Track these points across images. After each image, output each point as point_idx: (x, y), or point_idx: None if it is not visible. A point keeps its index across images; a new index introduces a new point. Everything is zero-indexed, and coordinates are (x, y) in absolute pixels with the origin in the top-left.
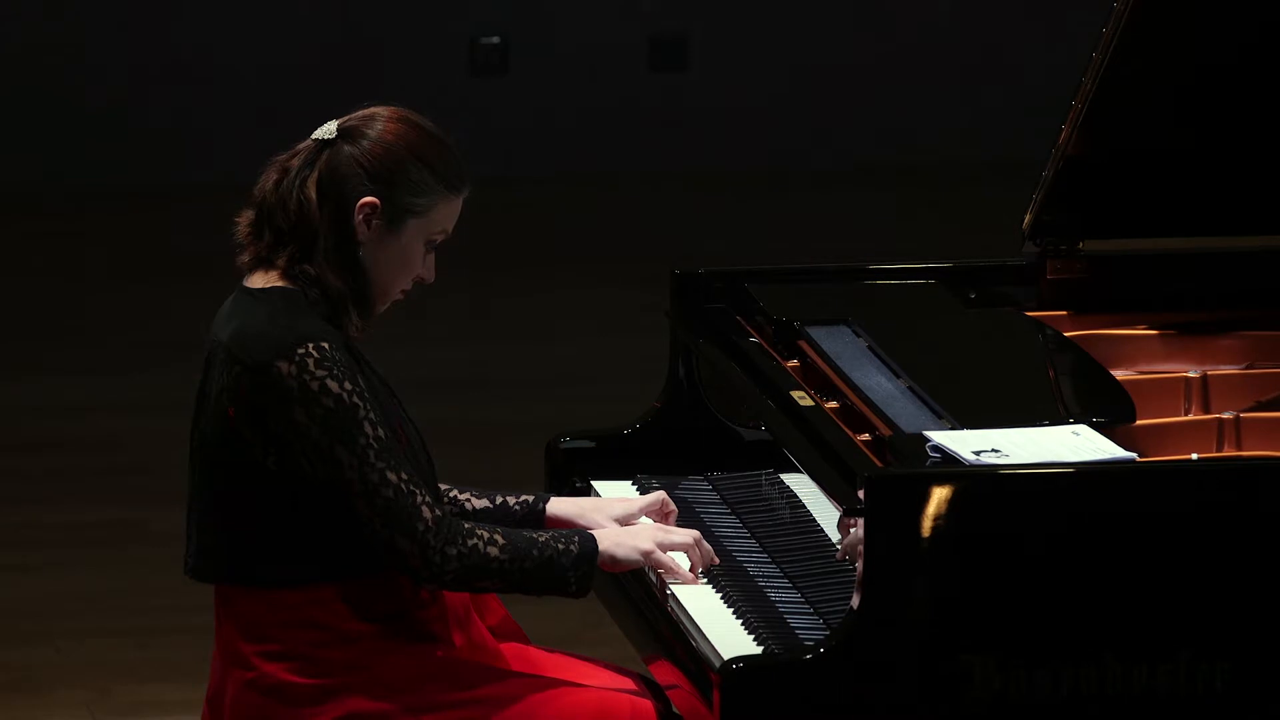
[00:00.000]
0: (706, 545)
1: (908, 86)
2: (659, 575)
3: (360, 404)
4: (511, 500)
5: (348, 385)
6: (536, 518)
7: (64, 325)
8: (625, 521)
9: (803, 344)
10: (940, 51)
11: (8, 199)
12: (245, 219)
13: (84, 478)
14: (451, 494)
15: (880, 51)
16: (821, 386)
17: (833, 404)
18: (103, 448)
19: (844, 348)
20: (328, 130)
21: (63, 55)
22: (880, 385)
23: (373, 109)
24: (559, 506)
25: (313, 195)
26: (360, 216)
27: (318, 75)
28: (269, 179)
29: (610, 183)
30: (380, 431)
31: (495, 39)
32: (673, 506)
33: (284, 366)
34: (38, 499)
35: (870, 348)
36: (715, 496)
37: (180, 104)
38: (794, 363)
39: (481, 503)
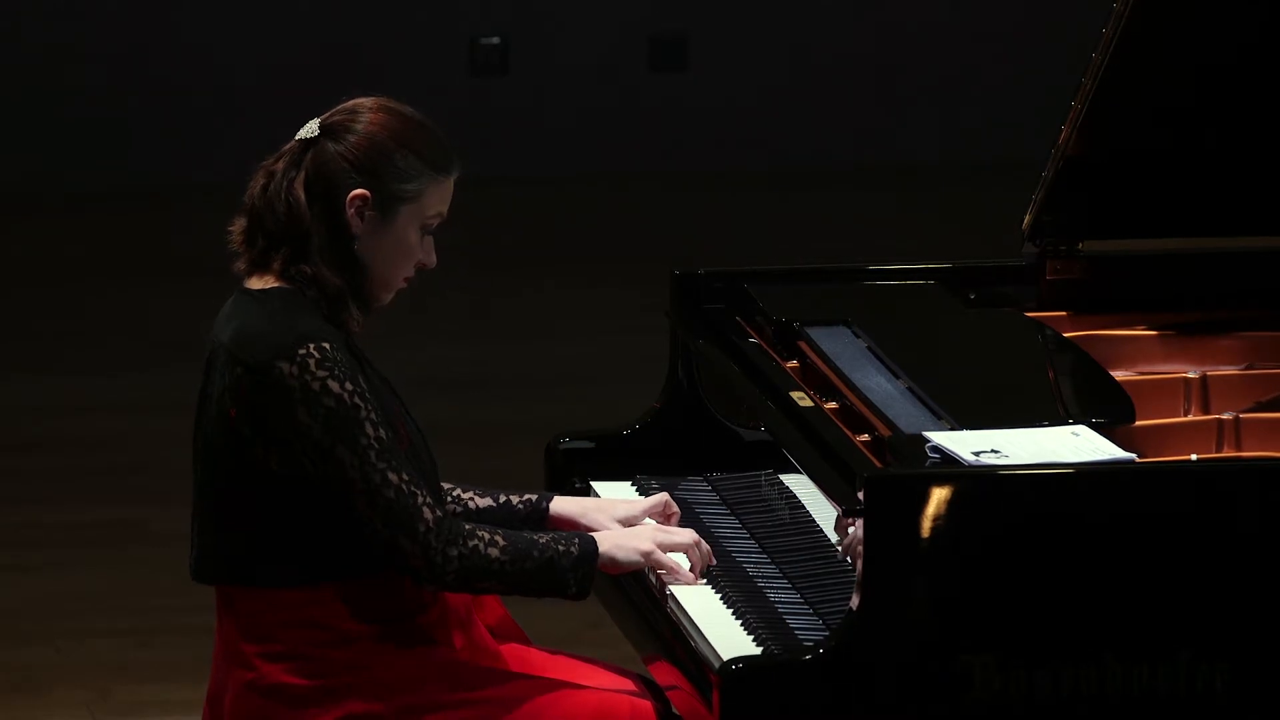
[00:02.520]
0: (705, 545)
1: (908, 86)
2: (659, 576)
3: (362, 404)
4: (515, 499)
5: (349, 385)
6: (540, 517)
7: (64, 325)
8: (628, 522)
9: (802, 344)
10: (941, 51)
11: (8, 199)
12: (238, 227)
13: (84, 478)
14: (455, 493)
15: (880, 51)
16: (821, 387)
17: (832, 404)
18: (103, 448)
19: (843, 348)
20: (310, 129)
21: (63, 55)
22: (880, 386)
23: (353, 102)
24: (562, 506)
25: (301, 195)
26: (352, 210)
27: (318, 75)
28: (256, 184)
29: (610, 182)
30: (381, 432)
31: (495, 39)
32: (675, 508)
33: (285, 367)
34: (38, 499)
35: (870, 348)
36: (715, 497)
37: (180, 104)
38: (793, 363)
39: (485, 501)
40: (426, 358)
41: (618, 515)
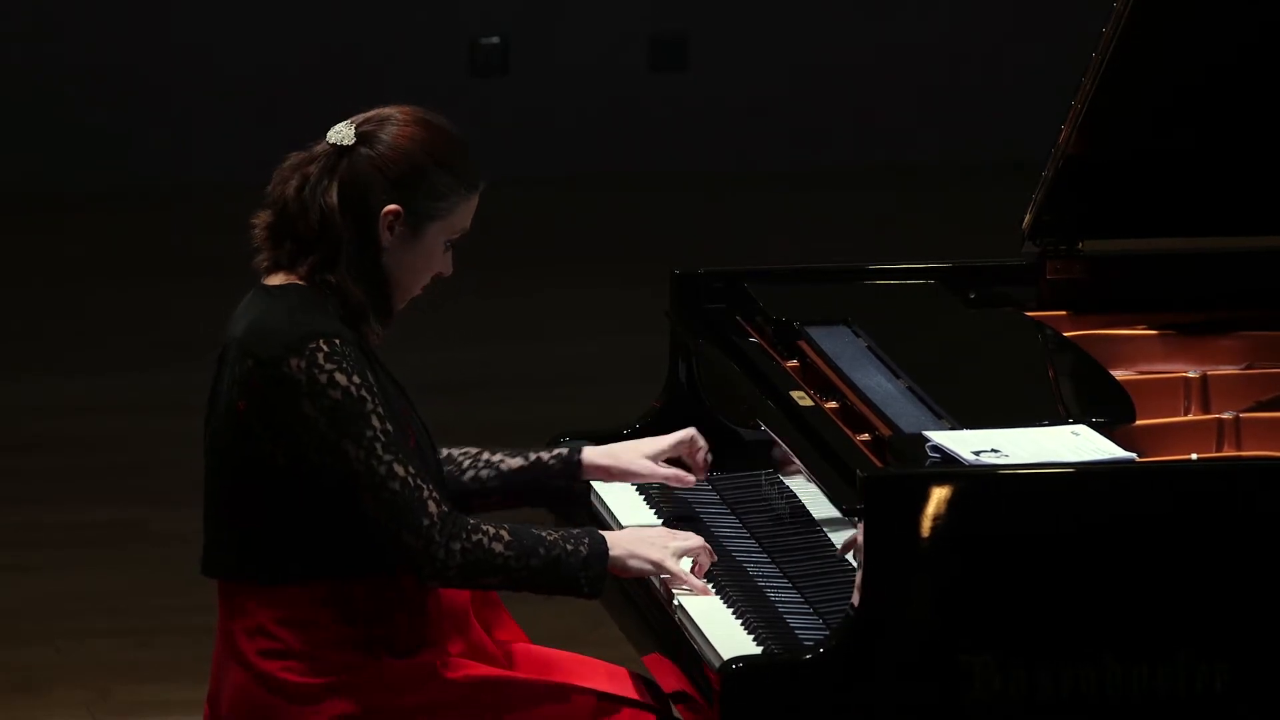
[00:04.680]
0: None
1: (908, 86)
2: (665, 583)
3: (368, 397)
4: (546, 456)
5: (355, 379)
6: (572, 470)
7: (64, 325)
8: (656, 458)
9: (802, 344)
10: (940, 51)
11: (8, 199)
12: (262, 220)
13: (84, 478)
14: (484, 456)
15: (880, 51)
16: (821, 387)
17: (832, 404)
18: (103, 448)
19: (843, 348)
20: (345, 135)
21: (63, 55)
22: (880, 385)
23: (388, 110)
24: (593, 455)
25: (335, 204)
26: (384, 225)
27: (318, 75)
28: (289, 184)
29: (610, 183)
30: (388, 425)
31: (495, 39)
32: (702, 442)
33: (294, 361)
34: (38, 499)
35: (870, 348)
36: (715, 496)
37: (180, 104)
38: (794, 363)
39: (516, 461)
40: (427, 358)
41: (646, 452)
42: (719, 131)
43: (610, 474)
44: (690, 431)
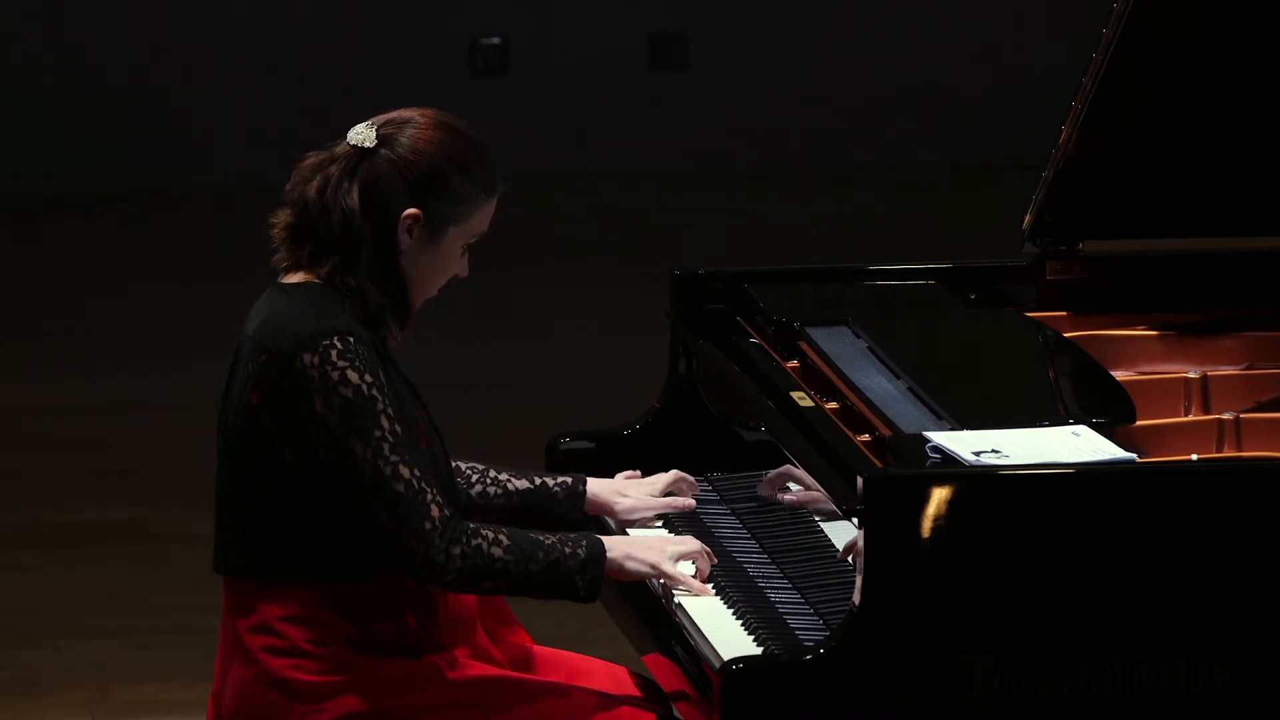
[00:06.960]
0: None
1: (908, 86)
2: (665, 585)
3: (378, 397)
4: (551, 482)
5: (368, 378)
6: (577, 499)
7: (64, 325)
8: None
9: (802, 344)
10: (940, 51)
11: (7, 199)
12: (281, 220)
13: (84, 478)
14: (491, 474)
15: (880, 51)
16: (821, 387)
17: (832, 404)
18: (103, 448)
19: (844, 348)
20: (366, 137)
21: (63, 55)
22: (880, 386)
23: (408, 113)
24: (596, 487)
25: (356, 206)
26: (403, 228)
27: (318, 75)
28: (310, 185)
29: (611, 183)
30: (397, 426)
31: (495, 39)
32: (689, 487)
33: (307, 357)
34: (38, 499)
35: (870, 348)
36: (715, 496)
37: (180, 104)
38: (794, 363)
39: (522, 483)
40: (426, 358)
41: (646, 490)
42: (719, 131)
43: (610, 512)
44: (675, 474)
